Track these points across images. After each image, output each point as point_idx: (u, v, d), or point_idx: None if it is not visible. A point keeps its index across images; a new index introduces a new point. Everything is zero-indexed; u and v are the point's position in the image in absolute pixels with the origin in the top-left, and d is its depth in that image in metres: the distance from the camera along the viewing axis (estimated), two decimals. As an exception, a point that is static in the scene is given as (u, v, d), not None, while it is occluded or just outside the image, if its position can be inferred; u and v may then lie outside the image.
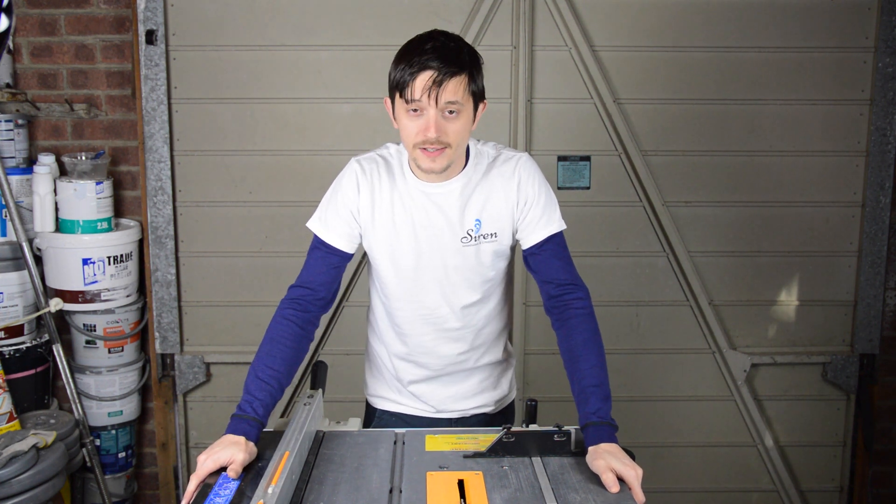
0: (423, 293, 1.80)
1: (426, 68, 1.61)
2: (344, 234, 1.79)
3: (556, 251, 1.78)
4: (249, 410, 1.62)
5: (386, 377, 1.95)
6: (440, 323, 1.83)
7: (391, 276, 1.81)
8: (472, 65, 1.68)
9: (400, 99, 1.65)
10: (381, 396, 1.98)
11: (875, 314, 3.06)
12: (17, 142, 2.93)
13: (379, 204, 1.77)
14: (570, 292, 1.76)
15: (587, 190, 3.01)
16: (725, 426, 3.15)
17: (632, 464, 1.52)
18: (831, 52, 2.95)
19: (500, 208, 1.77)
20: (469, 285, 1.80)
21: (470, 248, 1.77)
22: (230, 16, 2.90)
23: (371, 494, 1.49)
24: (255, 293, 3.04)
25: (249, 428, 1.60)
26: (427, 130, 1.63)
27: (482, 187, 1.77)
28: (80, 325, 2.95)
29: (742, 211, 3.03)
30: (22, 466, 2.39)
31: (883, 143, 2.97)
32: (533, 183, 1.77)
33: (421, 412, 1.93)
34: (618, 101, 2.95)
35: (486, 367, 1.92)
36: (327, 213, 1.80)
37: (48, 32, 2.99)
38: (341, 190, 1.79)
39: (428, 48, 1.63)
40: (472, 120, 1.72)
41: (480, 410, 1.94)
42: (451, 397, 1.91)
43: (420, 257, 1.78)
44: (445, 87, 1.61)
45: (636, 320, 3.09)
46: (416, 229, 1.77)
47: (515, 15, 2.89)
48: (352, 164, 1.80)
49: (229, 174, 3.00)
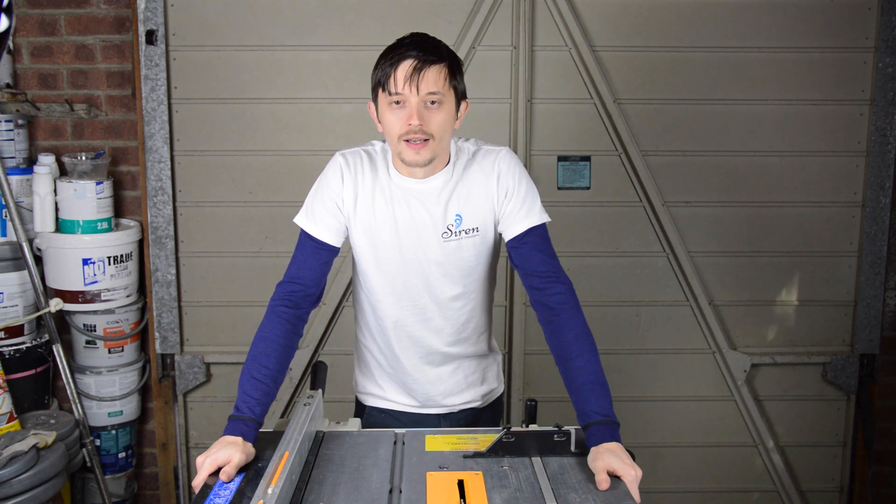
0: (405, 287, 1.82)
1: (406, 58, 1.66)
2: (331, 226, 1.80)
3: (538, 244, 1.77)
4: (246, 411, 1.63)
5: (375, 373, 1.97)
6: (422, 315, 1.84)
7: (373, 270, 1.83)
8: (451, 59, 1.72)
9: (383, 93, 1.69)
10: (369, 393, 1.99)
11: (875, 314, 3.06)
12: (17, 142, 2.93)
13: (361, 196, 1.79)
14: (551, 286, 1.74)
15: (587, 190, 3.01)
16: (725, 426, 3.15)
17: (631, 464, 1.52)
18: (831, 52, 2.95)
19: (480, 203, 1.78)
20: (451, 279, 1.82)
21: (451, 242, 1.79)
22: (230, 16, 2.90)
23: (371, 494, 1.49)
24: (255, 293, 3.04)
25: (247, 428, 1.61)
26: (410, 118, 1.66)
27: (463, 183, 1.79)
28: (80, 325, 2.95)
29: (742, 211, 3.03)
30: (22, 466, 2.39)
31: (883, 143, 2.97)
32: (512, 175, 1.78)
33: (408, 408, 1.95)
34: (618, 101, 2.95)
35: (472, 362, 1.93)
36: (313, 207, 1.81)
37: (48, 32, 2.99)
38: (326, 181, 1.81)
39: (407, 42, 1.69)
40: (455, 116, 1.74)
41: (468, 405, 1.96)
42: (439, 393, 1.92)
43: (402, 252, 1.80)
44: (425, 76, 1.65)
45: (636, 320, 3.09)
46: (397, 224, 1.78)
47: (515, 15, 2.89)
48: (336, 157, 1.83)
49: (229, 174, 3.00)
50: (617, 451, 1.54)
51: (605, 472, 1.50)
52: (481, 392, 1.97)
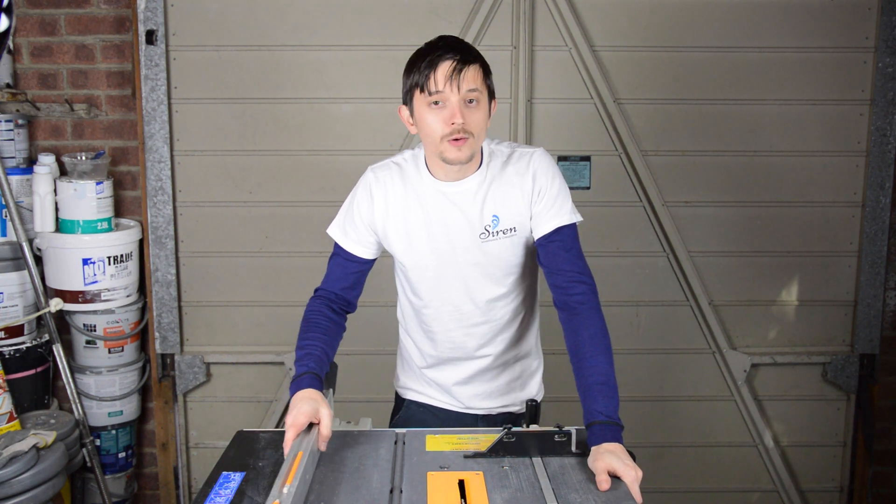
0: (447, 290, 1.84)
1: (445, 59, 1.68)
2: (362, 241, 1.84)
3: (566, 243, 1.78)
4: (303, 368, 1.66)
5: (416, 373, 1.99)
6: (465, 319, 1.86)
7: (414, 275, 1.85)
8: (482, 59, 1.76)
9: (420, 95, 1.69)
10: (410, 388, 2.02)
11: (875, 314, 3.06)
12: (17, 142, 2.92)
13: (394, 207, 1.81)
14: (574, 285, 1.75)
15: (587, 190, 3.01)
16: (725, 426, 3.15)
17: (632, 464, 1.52)
18: (831, 52, 2.95)
19: (517, 203, 1.79)
20: (491, 280, 1.83)
21: (489, 243, 1.79)
22: (230, 16, 2.90)
23: (371, 494, 1.49)
24: (255, 293, 3.04)
25: (310, 381, 1.64)
26: (454, 117, 1.67)
27: (498, 184, 1.79)
28: (81, 325, 2.95)
29: (742, 211, 3.03)
30: (22, 466, 2.39)
31: (883, 143, 2.97)
32: (546, 174, 1.79)
33: (448, 406, 1.97)
34: (618, 101, 2.95)
35: (516, 366, 1.95)
36: (345, 222, 1.85)
37: (48, 32, 2.99)
38: (356, 201, 1.84)
39: (441, 45, 1.71)
40: (489, 114, 1.76)
41: (507, 409, 1.97)
42: (479, 395, 1.94)
43: (440, 256, 1.81)
44: (465, 75, 1.68)
45: (636, 320, 3.10)
46: (433, 228, 1.79)
47: (515, 15, 2.89)
48: (366, 174, 1.85)
49: (229, 174, 2.99)
50: (617, 451, 1.54)
51: (606, 473, 1.50)
52: (522, 398, 1.97)
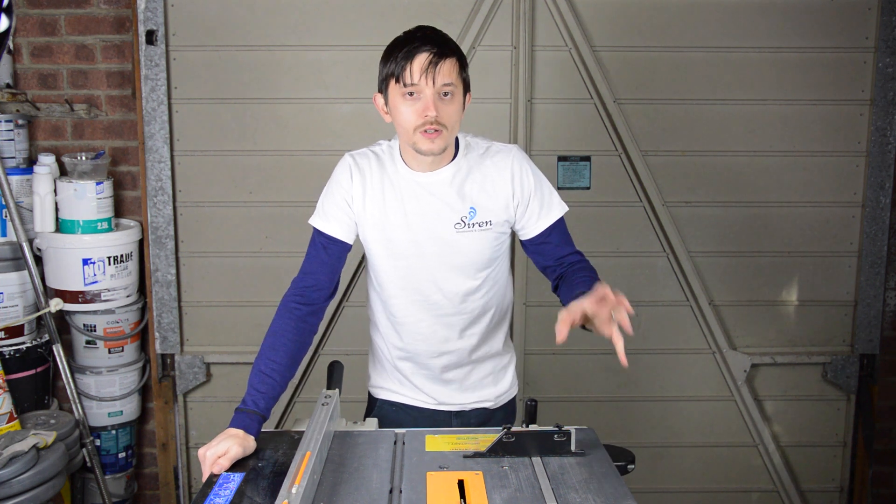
0: (417, 280, 1.84)
1: (421, 51, 1.69)
2: (342, 222, 1.83)
3: (561, 237, 1.86)
4: (251, 404, 1.67)
5: (388, 369, 1.99)
6: (434, 309, 1.86)
7: (385, 265, 1.85)
8: (459, 52, 1.76)
9: (395, 85, 1.71)
10: (382, 387, 2.01)
11: (875, 314, 3.06)
12: (17, 142, 2.92)
13: (370, 193, 1.82)
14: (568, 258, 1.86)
15: (587, 190, 3.01)
16: (725, 426, 3.15)
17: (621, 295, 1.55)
18: (831, 52, 2.95)
19: (495, 198, 1.81)
20: (462, 272, 1.84)
21: (464, 234, 1.80)
22: (230, 16, 2.90)
23: (371, 494, 1.49)
24: (255, 293, 3.04)
25: (250, 421, 1.65)
26: (427, 110, 1.68)
27: (475, 175, 1.81)
28: (81, 325, 2.95)
29: (742, 211, 3.03)
30: (22, 466, 2.39)
31: (883, 143, 2.97)
32: (528, 176, 1.82)
33: (421, 403, 1.97)
34: (618, 101, 2.95)
35: (487, 362, 1.95)
36: (325, 205, 1.85)
37: (48, 32, 2.99)
38: (335, 180, 1.85)
39: (419, 36, 1.72)
40: (463, 107, 1.77)
41: (480, 405, 1.97)
42: (450, 391, 1.94)
43: (414, 245, 1.81)
44: (441, 68, 1.68)
45: (636, 320, 3.05)
46: (408, 217, 1.80)
47: (515, 15, 2.89)
48: (345, 158, 1.87)
49: (229, 174, 2.99)
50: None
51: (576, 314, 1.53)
52: (495, 393, 1.98)
